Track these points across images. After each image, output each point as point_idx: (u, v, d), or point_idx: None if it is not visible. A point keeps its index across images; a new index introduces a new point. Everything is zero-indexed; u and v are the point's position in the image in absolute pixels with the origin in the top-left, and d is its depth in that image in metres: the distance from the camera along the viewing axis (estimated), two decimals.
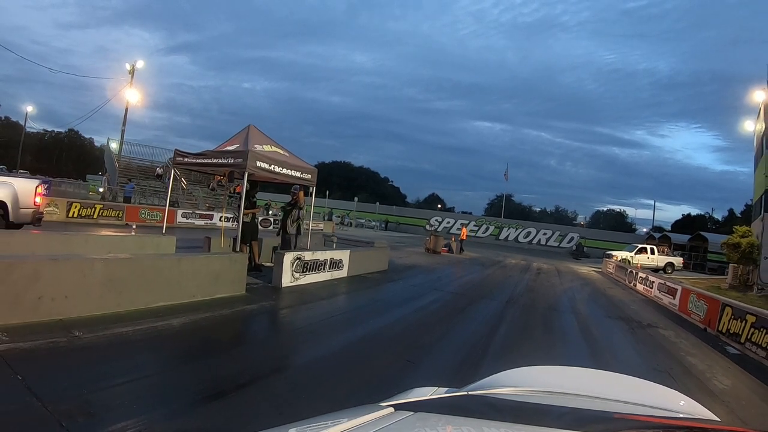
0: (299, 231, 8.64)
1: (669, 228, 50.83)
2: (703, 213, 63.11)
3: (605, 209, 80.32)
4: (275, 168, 7.44)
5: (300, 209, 8.60)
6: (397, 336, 5.27)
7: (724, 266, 20.93)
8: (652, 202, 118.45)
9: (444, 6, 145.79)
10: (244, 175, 6.97)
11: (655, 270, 20.00)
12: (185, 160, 7.70)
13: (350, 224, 41.87)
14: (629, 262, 20.96)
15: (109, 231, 11.41)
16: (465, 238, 23.39)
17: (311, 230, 9.36)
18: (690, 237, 35.74)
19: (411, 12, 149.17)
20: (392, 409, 0.90)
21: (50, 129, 63.39)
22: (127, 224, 14.97)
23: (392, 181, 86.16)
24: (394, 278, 10.14)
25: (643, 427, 1.01)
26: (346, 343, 4.79)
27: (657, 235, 37.58)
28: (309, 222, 9.03)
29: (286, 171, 7.76)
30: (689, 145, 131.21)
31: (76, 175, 48.19)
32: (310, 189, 8.77)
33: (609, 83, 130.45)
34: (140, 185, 22.61)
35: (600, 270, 21.17)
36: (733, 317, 6.81)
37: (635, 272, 14.41)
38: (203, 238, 9.21)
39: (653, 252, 24.17)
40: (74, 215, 14.65)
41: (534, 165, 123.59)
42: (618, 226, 56.90)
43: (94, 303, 4.29)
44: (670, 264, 24.27)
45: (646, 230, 48.37)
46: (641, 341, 6.51)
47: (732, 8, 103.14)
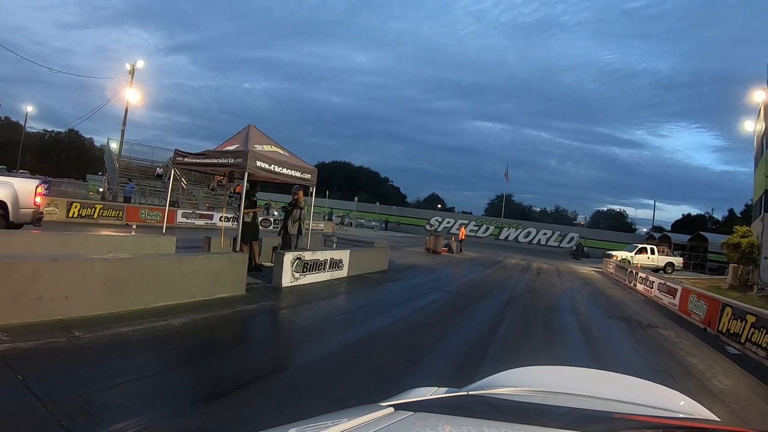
0: (300, 231, 8.61)
1: (669, 228, 50.85)
2: (703, 213, 63.24)
3: (605, 209, 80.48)
4: (275, 168, 7.45)
5: (301, 209, 8.57)
6: (397, 336, 5.28)
7: (724, 266, 20.92)
8: (652, 202, 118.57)
9: (444, 6, 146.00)
10: (244, 175, 6.97)
11: (655, 270, 20.00)
12: (185, 160, 7.71)
13: (350, 224, 41.85)
14: (629, 262, 20.97)
15: (109, 231, 11.41)
16: (464, 238, 23.38)
17: (311, 230, 9.36)
18: (690, 237, 35.76)
19: (411, 12, 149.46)
20: (392, 409, 0.90)
21: (50, 129, 63.50)
22: (127, 224, 14.96)
23: (392, 181, 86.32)
24: (394, 278, 10.14)
25: (643, 427, 1.01)
26: (346, 343, 4.79)
27: (657, 235, 37.58)
28: (309, 222, 9.01)
29: (286, 171, 7.77)
30: (689, 145, 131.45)
31: (76, 175, 48.16)
32: (310, 189, 8.78)
33: (609, 83, 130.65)
34: (140, 185, 22.62)
35: (600, 270, 21.17)
36: (733, 317, 6.81)
37: (635, 272, 14.41)
38: (203, 238, 9.21)
39: (653, 252, 24.17)
40: (74, 215, 14.66)
41: (534, 165, 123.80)
42: (618, 226, 56.93)
43: (94, 303, 4.29)
44: (670, 264, 24.27)
45: (646, 230, 48.39)
46: (641, 341, 6.51)
47: (732, 8, 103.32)
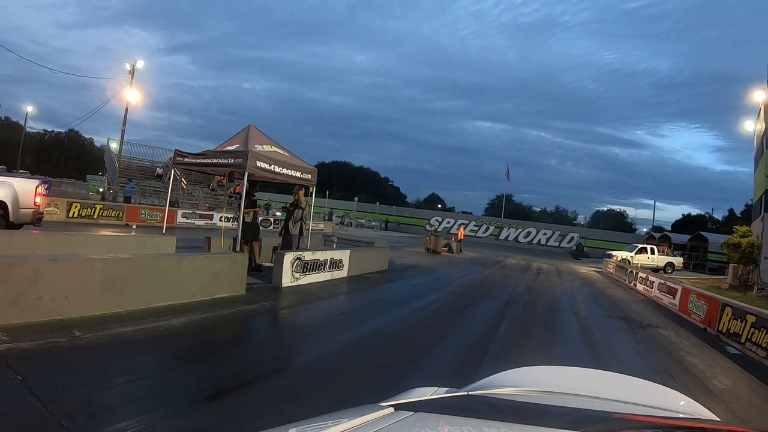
0: (302, 232, 8.41)
1: (669, 228, 50.82)
2: (703, 213, 63.12)
3: (605, 209, 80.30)
4: (275, 168, 7.45)
5: (302, 209, 8.41)
6: (397, 336, 5.28)
7: (724, 266, 20.92)
8: (652, 202, 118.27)
9: (444, 6, 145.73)
10: (244, 175, 6.98)
11: (655, 270, 20.00)
12: (185, 160, 7.71)
13: (350, 224, 41.85)
14: (629, 262, 20.96)
15: (109, 231, 11.41)
16: (462, 239, 23.38)
17: (311, 230, 9.35)
18: (690, 237, 35.76)
19: (411, 12, 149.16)
20: (392, 409, 0.90)
21: (50, 129, 63.25)
22: (127, 224, 14.96)
23: (392, 181, 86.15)
24: (394, 278, 10.14)
25: (643, 427, 1.01)
26: (347, 343, 4.79)
27: (657, 235, 37.59)
28: (309, 222, 8.97)
29: (286, 171, 7.76)
30: (689, 145, 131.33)
31: (77, 175, 48.05)
32: (310, 189, 8.76)
33: (609, 83, 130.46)
34: (140, 185, 22.62)
35: (600, 270, 21.16)
36: (733, 317, 6.81)
37: (635, 272, 14.41)
38: (203, 238, 9.21)
39: (653, 252, 24.17)
40: (74, 215, 14.66)
41: (534, 165, 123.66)
42: (618, 226, 56.86)
43: (95, 303, 4.29)
44: (670, 264, 24.27)
45: (646, 230, 48.37)
46: (641, 341, 6.51)
47: (732, 8, 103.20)
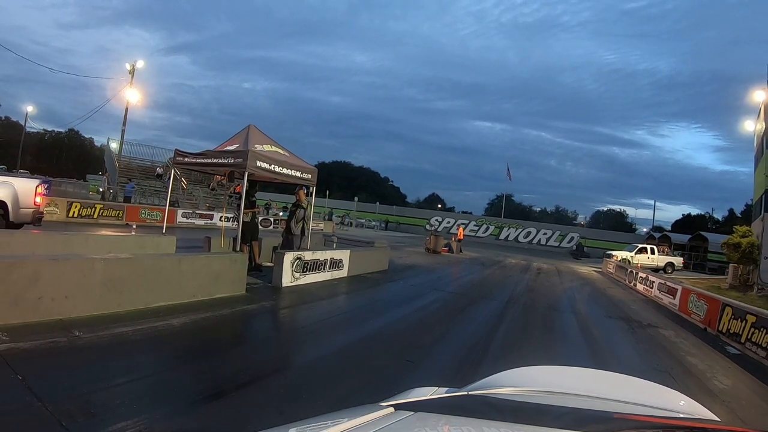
0: (303, 232, 8.23)
1: (669, 228, 50.86)
2: (703, 213, 63.20)
3: (605, 209, 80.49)
4: (275, 168, 7.45)
5: (303, 209, 8.25)
6: (398, 336, 5.28)
7: (724, 266, 20.92)
8: (652, 202, 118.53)
9: (444, 6, 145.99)
10: (244, 175, 6.97)
11: (655, 270, 20.00)
12: (185, 160, 7.71)
13: (350, 224, 41.85)
14: (629, 262, 20.97)
15: (110, 231, 11.41)
16: (462, 238, 23.38)
17: (311, 230, 9.34)
18: (690, 237, 35.76)
19: (411, 12, 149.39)
20: (392, 409, 0.90)
21: (50, 129, 63.25)
22: (127, 224, 14.96)
23: (392, 181, 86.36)
24: (394, 278, 10.14)
25: (643, 427, 1.01)
26: (347, 343, 4.79)
27: (657, 235, 37.60)
28: (309, 222, 8.93)
29: (286, 171, 7.76)
30: (689, 145, 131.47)
31: (77, 175, 48.05)
32: (310, 189, 8.75)
33: (609, 83, 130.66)
34: (140, 185, 22.62)
35: (600, 270, 21.16)
36: (734, 317, 6.81)
37: (635, 272, 14.41)
38: (203, 238, 9.21)
39: (653, 252, 24.17)
40: (74, 215, 14.65)
41: (534, 165, 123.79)
42: (618, 226, 56.89)
43: (95, 303, 4.29)
44: (670, 264, 24.27)
45: (646, 230, 48.39)
46: (641, 341, 6.51)
47: (732, 8, 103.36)
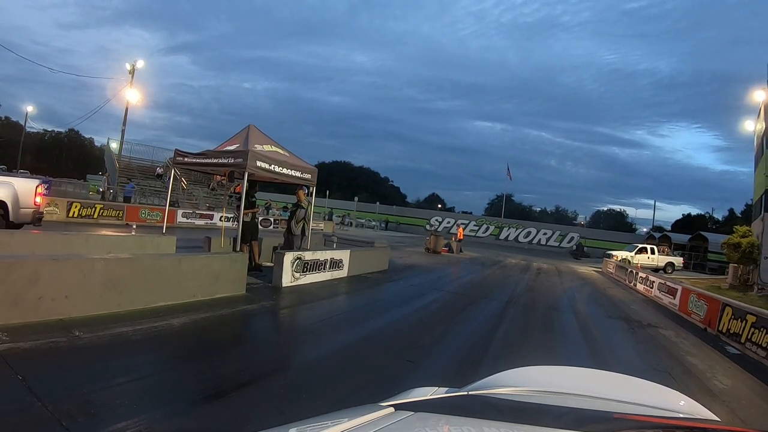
0: (303, 232, 8.15)
1: (669, 228, 50.83)
2: (704, 213, 63.09)
3: (605, 209, 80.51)
4: (275, 168, 7.45)
5: (304, 209, 8.18)
6: (398, 336, 5.28)
7: (725, 266, 20.92)
8: (652, 202, 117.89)
9: (445, 6, 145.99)
10: (244, 175, 6.97)
11: (656, 270, 19.99)
12: (185, 160, 7.71)
13: (350, 224, 41.85)
14: (629, 262, 20.96)
15: (110, 231, 11.41)
16: (462, 238, 23.39)
17: (311, 230, 9.33)
18: (690, 237, 35.76)
19: (412, 12, 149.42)
20: (392, 409, 0.90)
21: (50, 129, 63.20)
22: (128, 224, 14.96)
23: (392, 181, 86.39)
24: (395, 278, 10.14)
25: (643, 427, 1.01)
26: (347, 343, 4.79)
27: (657, 235, 37.59)
28: (309, 222, 8.91)
29: (286, 171, 7.76)
30: (689, 145, 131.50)
31: (77, 175, 48.01)
32: (310, 189, 8.75)
33: (609, 83, 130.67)
34: (140, 185, 22.62)
35: (600, 270, 21.16)
36: (734, 317, 6.81)
37: (635, 272, 14.41)
38: (203, 238, 9.21)
39: (653, 252, 24.17)
40: (74, 215, 14.65)
41: (534, 165, 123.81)
42: (618, 226, 56.92)
43: (95, 303, 4.29)
44: (671, 264, 24.27)
45: (647, 230, 48.37)
46: (641, 341, 6.51)
47: (732, 8, 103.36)
